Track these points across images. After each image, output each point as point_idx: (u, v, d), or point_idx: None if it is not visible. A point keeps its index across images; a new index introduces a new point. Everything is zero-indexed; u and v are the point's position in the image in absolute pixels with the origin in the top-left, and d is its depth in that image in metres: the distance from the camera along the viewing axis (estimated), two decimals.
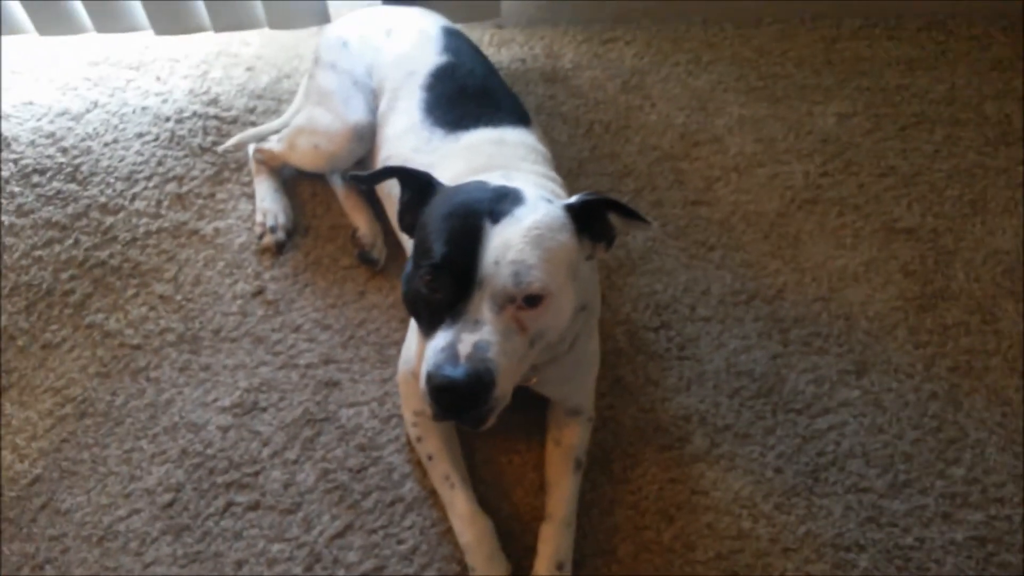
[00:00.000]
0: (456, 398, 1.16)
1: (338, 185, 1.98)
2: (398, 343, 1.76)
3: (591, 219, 1.30)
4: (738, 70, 2.29)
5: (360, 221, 1.92)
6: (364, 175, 1.36)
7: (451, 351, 1.16)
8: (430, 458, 1.58)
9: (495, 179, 1.33)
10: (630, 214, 1.28)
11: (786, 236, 1.98)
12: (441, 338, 1.18)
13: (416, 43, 1.77)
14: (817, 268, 1.93)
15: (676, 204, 2.02)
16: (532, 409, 1.66)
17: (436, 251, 1.19)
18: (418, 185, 1.32)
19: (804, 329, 1.84)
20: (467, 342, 1.16)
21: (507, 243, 1.18)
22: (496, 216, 1.20)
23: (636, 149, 2.12)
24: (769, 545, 1.58)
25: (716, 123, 2.17)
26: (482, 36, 2.34)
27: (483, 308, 1.18)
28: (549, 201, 1.27)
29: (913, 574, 1.57)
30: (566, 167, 2.06)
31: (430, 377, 1.17)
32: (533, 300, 1.19)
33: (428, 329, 1.22)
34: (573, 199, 1.30)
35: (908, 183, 2.07)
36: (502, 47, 2.33)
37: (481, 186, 1.28)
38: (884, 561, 1.58)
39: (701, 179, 2.07)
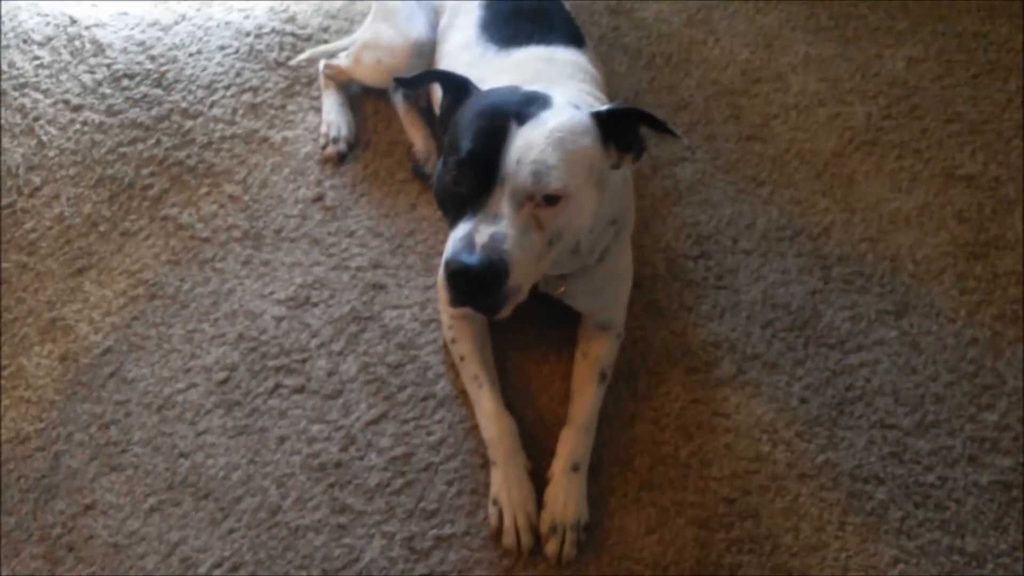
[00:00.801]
0: (470, 284, 1.22)
1: (399, 103, 2.06)
2: (442, 253, 1.84)
3: (620, 129, 1.33)
4: (809, 8, 2.24)
5: (417, 138, 2.00)
6: (407, 77, 1.43)
7: (468, 240, 1.22)
8: (462, 359, 1.67)
9: (531, 87, 1.38)
10: (658, 126, 1.31)
11: (840, 176, 1.96)
12: (461, 228, 1.25)
13: None
14: (868, 209, 1.91)
15: (730, 138, 2.02)
16: (565, 325, 1.72)
17: (463, 148, 1.25)
18: (456, 89, 1.39)
19: (847, 268, 1.84)
20: (484, 233, 1.22)
21: (530, 143, 1.23)
22: (523, 118, 1.25)
23: (695, 83, 2.12)
24: (786, 469, 1.61)
25: (780, 61, 2.15)
26: None
27: (503, 204, 1.24)
28: (577, 107, 1.31)
29: (930, 511, 1.57)
30: (622, 96, 2.08)
31: (447, 263, 1.24)
32: (552, 199, 1.24)
33: (452, 222, 1.29)
34: (602, 108, 1.34)
35: (974, 131, 2.01)
36: None
37: (513, 90, 1.33)
38: (902, 496, 1.59)
39: (759, 115, 2.06)
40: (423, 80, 1.47)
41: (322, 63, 2.11)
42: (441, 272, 1.27)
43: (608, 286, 1.61)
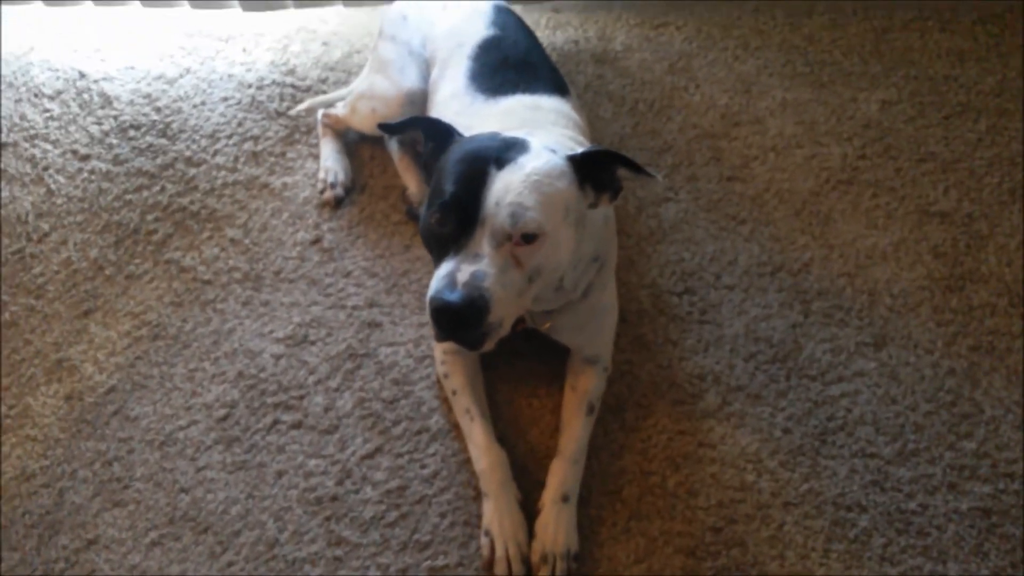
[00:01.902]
0: (452, 320, 1.29)
1: (394, 149, 2.15)
2: None
3: (596, 170, 1.41)
4: (785, 56, 2.35)
5: (411, 182, 2.08)
6: (391, 124, 1.51)
7: (450, 278, 1.29)
8: (454, 393, 1.72)
9: (511, 133, 1.44)
10: (632, 166, 1.38)
11: (817, 214, 2.04)
12: (444, 267, 1.32)
13: (467, 17, 1.92)
14: (846, 246, 1.98)
15: (711, 179, 2.10)
16: (554, 359, 1.78)
17: (446, 191, 1.33)
18: (438, 135, 1.46)
19: (826, 302, 1.90)
20: (466, 271, 1.29)
21: (507, 186, 1.30)
22: (501, 163, 1.33)
23: (677, 127, 2.21)
24: (770, 498, 1.65)
25: (758, 105, 2.24)
26: (539, 19, 2.47)
27: (483, 243, 1.31)
28: (553, 151, 1.38)
29: (913, 537, 1.61)
30: (607, 141, 2.17)
31: (431, 301, 1.30)
32: (529, 238, 1.31)
33: (437, 261, 1.36)
34: (577, 151, 1.42)
35: (947, 169, 2.10)
36: (557, 29, 2.45)
37: (493, 136, 1.41)
38: (884, 523, 1.63)
39: (738, 157, 2.15)
40: (406, 127, 1.53)
41: (320, 112, 2.21)
42: (427, 309, 1.34)
43: (593, 321, 1.68)
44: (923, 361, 1.81)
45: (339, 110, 2.16)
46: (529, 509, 1.61)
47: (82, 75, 2.40)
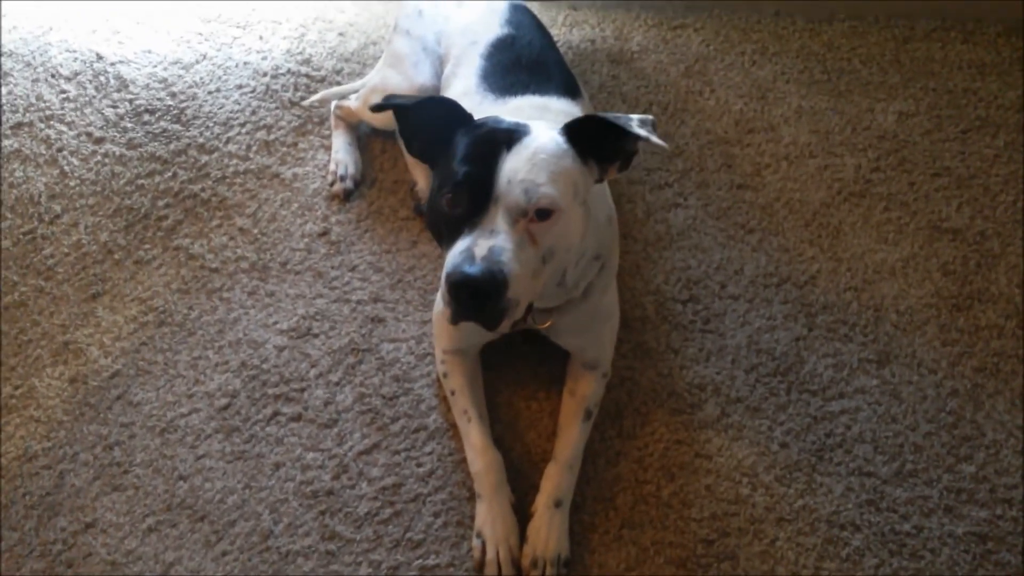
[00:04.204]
0: (471, 294, 1.27)
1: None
2: (438, 289, 1.91)
3: (595, 143, 1.41)
4: (803, 63, 2.32)
5: (419, 177, 2.08)
6: (404, 102, 1.48)
7: (468, 253, 1.28)
8: (453, 393, 1.73)
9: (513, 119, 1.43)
10: (618, 130, 1.37)
11: (827, 226, 2.02)
12: (460, 244, 1.30)
13: (482, 15, 1.91)
14: (854, 259, 1.97)
15: (722, 186, 2.09)
16: (555, 363, 1.78)
17: (458, 171, 1.33)
18: (456, 119, 1.43)
19: (831, 316, 1.89)
20: (483, 246, 1.28)
21: (517, 166, 1.31)
22: (510, 144, 1.33)
23: (690, 132, 2.19)
24: (764, 513, 1.65)
25: (773, 112, 2.22)
26: (556, 15, 2.46)
27: (499, 220, 1.30)
28: (552, 130, 1.39)
29: (905, 559, 1.61)
30: None
31: (448, 276, 1.28)
32: (543, 214, 1.31)
33: (448, 245, 1.34)
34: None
35: (961, 185, 2.07)
36: (574, 27, 2.44)
37: (497, 121, 1.41)
38: (878, 543, 1.62)
39: (750, 164, 2.13)
40: (424, 106, 1.50)
41: (333, 104, 2.21)
42: (442, 287, 1.32)
43: (593, 324, 1.67)
44: (926, 381, 1.80)
45: (352, 102, 2.16)
46: (522, 512, 1.61)
47: (99, 57, 2.41)
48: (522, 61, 1.80)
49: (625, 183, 2.10)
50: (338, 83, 2.34)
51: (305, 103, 2.28)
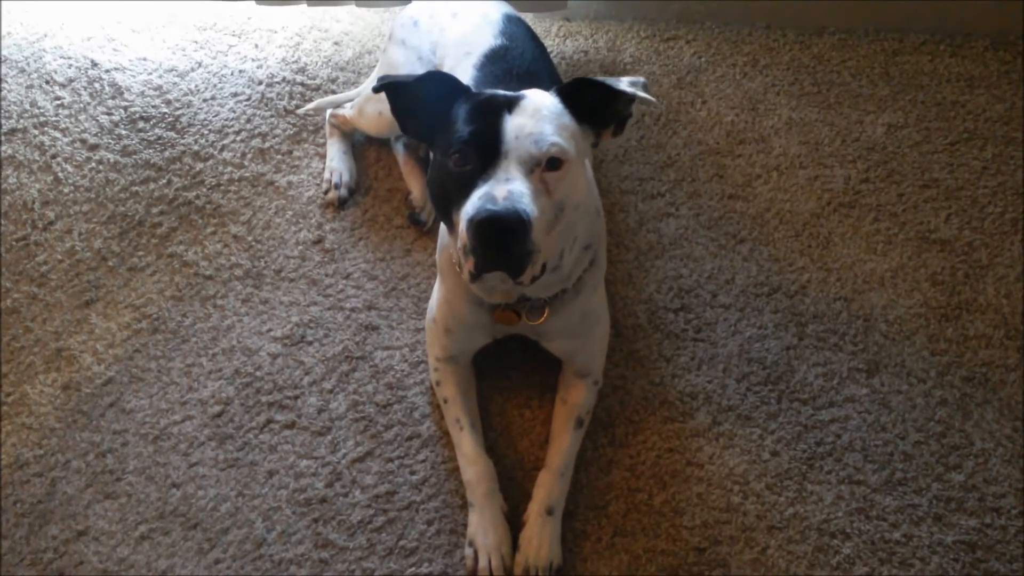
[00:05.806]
0: (497, 232, 1.25)
1: (399, 152, 2.16)
2: (429, 300, 1.92)
3: (589, 109, 1.45)
4: (793, 75, 2.34)
5: (414, 186, 2.09)
6: (404, 78, 1.48)
7: (489, 195, 1.27)
8: (445, 401, 1.73)
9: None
10: (608, 90, 1.42)
11: (817, 236, 2.04)
12: (479, 190, 1.30)
13: (476, 26, 1.93)
14: (844, 269, 1.98)
15: (713, 196, 2.11)
16: (548, 372, 1.79)
17: (463, 131, 1.34)
18: (452, 90, 1.46)
19: (821, 325, 1.90)
20: (502, 189, 1.28)
21: (523, 122, 1.34)
22: (511, 107, 1.37)
23: (682, 142, 2.21)
24: (755, 521, 1.66)
25: (764, 123, 2.24)
26: (550, 27, 2.48)
27: (512, 169, 1.32)
28: (548, 94, 1.44)
29: (895, 568, 1.62)
30: (612, 154, 2.18)
31: (473, 218, 1.26)
32: (554, 163, 1.33)
33: (458, 203, 1.33)
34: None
35: (950, 196, 2.09)
36: (567, 39, 2.46)
37: (495, 91, 1.46)
38: (868, 551, 1.63)
39: (741, 175, 2.15)
40: (423, 82, 1.48)
41: (328, 112, 2.22)
42: (462, 230, 1.30)
43: (584, 327, 1.68)
44: (915, 390, 1.82)
45: (347, 111, 2.17)
46: (515, 520, 1.62)
47: (94, 64, 2.42)
48: (514, 72, 1.81)
49: (617, 193, 2.12)
50: (333, 92, 2.35)
51: (300, 111, 2.29)
